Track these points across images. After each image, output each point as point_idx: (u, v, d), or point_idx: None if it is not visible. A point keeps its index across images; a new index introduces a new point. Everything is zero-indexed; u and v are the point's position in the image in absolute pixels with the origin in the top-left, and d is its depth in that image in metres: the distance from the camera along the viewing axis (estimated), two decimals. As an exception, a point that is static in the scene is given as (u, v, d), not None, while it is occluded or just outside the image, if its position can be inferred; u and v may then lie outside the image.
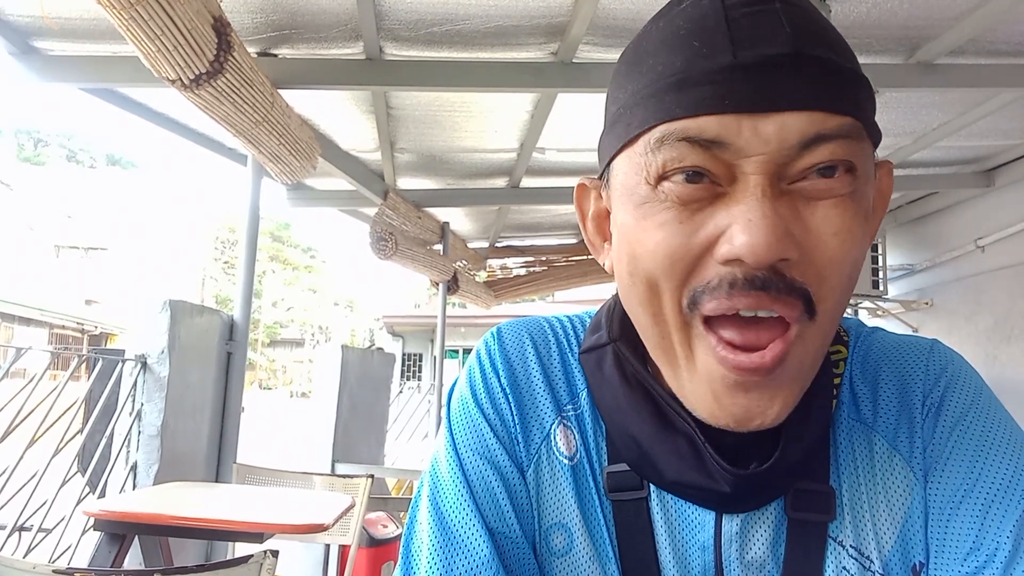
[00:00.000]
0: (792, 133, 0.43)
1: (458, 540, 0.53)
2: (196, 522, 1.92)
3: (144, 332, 2.73)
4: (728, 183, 0.44)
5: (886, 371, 0.56)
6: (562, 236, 5.90)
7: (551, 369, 0.60)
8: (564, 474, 0.56)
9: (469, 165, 4.03)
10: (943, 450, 0.52)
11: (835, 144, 0.43)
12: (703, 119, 0.43)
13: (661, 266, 0.45)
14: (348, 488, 2.71)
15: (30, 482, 2.50)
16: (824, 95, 0.43)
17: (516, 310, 15.49)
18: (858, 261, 0.46)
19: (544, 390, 0.58)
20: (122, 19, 1.66)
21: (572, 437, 0.57)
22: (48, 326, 21.28)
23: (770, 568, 0.52)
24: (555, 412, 0.58)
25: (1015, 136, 3.58)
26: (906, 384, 0.55)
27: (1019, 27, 2.48)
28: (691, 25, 0.46)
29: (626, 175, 0.49)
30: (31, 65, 2.56)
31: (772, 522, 0.53)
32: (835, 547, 0.52)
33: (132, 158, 51.81)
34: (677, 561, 0.53)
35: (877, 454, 0.53)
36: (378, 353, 4.92)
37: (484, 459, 0.56)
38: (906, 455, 0.53)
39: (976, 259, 4.19)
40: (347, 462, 4.15)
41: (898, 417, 0.54)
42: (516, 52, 2.65)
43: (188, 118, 3.31)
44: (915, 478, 0.52)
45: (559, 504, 0.56)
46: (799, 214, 0.44)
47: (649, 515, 0.54)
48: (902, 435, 0.53)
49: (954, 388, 0.54)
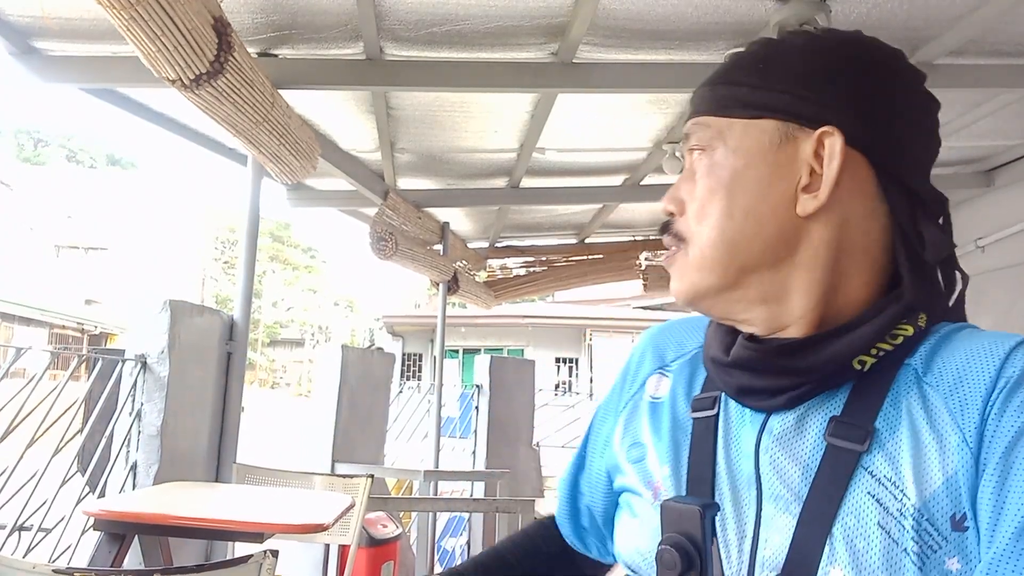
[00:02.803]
0: (686, 132, 0.72)
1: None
2: (196, 522, 1.92)
3: (144, 332, 2.73)
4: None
5: (966, 346, 0.62)
6: (562, 236, 5.90)
7: (663, 340, 0.83)
8: (645, 409, 0.78)
9: (469, 165, 4.03)
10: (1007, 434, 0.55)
11: (693, 137, 0.70)
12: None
13: None
14: (348, 488, 2.71)
15: (30, 482, 2.50)
16: (697, 109, 0.71)
17: (516, 310, 15.49)
18: (708, 204, 0.67)
19: (650, 357, 0.82)
20: (122, 19, 1.66)
21: (666, 381, 0.78)
22: (48, 326, 21.27)
23: (799, 483, 0.62)
24: (654, 366, 0.81)
25: (1015, 136, 3.58)
26: (982, 361, 0.59)
27: (1019, 27, 2.48)
28: None
29: None
30: (31, 65, 2.56)
31: (810, 444, 0.63)
32: (864, 475, 0.59)
33: (132, 158, 51.76)
34: (729, 466, 0.67)
35: (934, 412, 0.59)
36: (378, 353, 4.93)
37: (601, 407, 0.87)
38: (959, 420, 0.57)
39: (976, 259, 4.19)
40: (347, 462, 4.15)
41: (962, 387, 0.59)
42: (516, 52, 2.65)
43: (188, 118, 3.31)
44: (965, 443, 0.56)
45: (637, 428, 0.78)
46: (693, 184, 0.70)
47: (716, 430, 0.70)
48: (956, 402, 0.58)
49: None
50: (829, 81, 0.65)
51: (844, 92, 0.65)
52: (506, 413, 5.64)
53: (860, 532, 0.57)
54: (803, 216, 0.64)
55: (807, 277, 0.65)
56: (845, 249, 0.65)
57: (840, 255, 0.65)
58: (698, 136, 0.69)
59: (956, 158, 3.97)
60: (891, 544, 0.56)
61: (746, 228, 0.65)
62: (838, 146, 0.63)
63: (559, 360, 16.47)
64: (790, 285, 0.66)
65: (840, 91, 0.65)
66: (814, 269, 0.65)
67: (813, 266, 0.65)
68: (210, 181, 55.31)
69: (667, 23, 2.43)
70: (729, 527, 0.65)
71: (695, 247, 0.68)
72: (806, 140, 0.64)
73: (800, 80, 0.65)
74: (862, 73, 0.65)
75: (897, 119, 0.66)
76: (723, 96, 0.69)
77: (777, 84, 0.66)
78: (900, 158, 0.66)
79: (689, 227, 0.69)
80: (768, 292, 0.66)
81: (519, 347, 16.09)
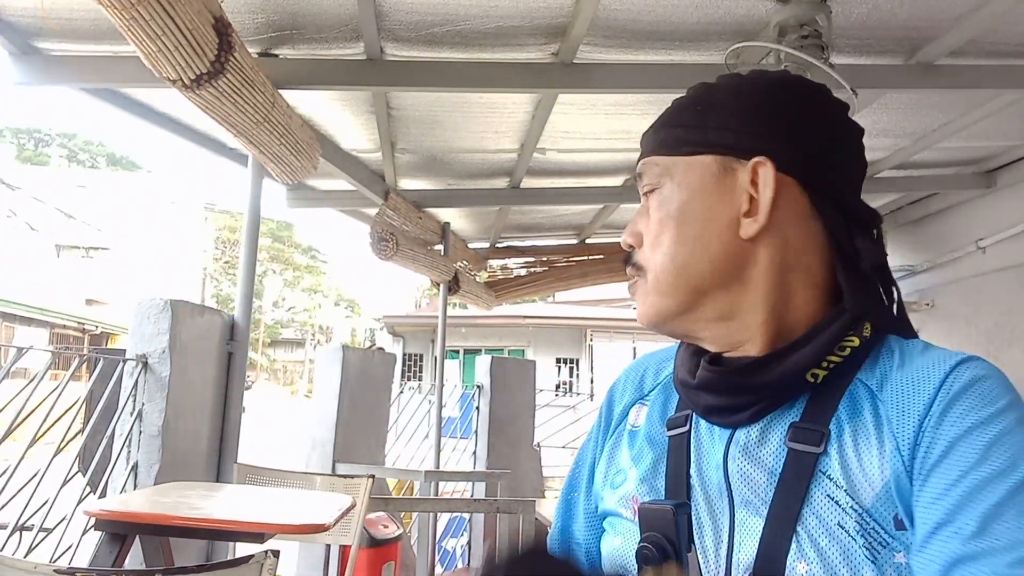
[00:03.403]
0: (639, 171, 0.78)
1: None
2: (197, 522, 1.92)
3: (145, 332, 2.73)
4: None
5: (914, 363, 0.67)
6: (563, 236, 5.90)
7: (641, 371, 0.87)
8: (626, 438, 0.83)
9: (470, 165, 4.03)
10: (943, 440, 0.60)
11: (644, 176, 0.77)
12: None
13: None
14: (349, 488, 2.71)
15: (31, 482, 2.50)
16: (646, 150, 0.77)
17: (517, 311, 15.50)
18: (661, 237, 0.73)
19: (631, 388, 0.87)
20: (123, 19, 1.67)
21: (643, 411, 0.83)
22: (49, 326, 21.28)
23: (766, 487, 0.67)
24: (634, 398, 0.85)
25: (1016, 137, 3.58)
26: (926, 377, 0.64)
27: (1020, 28, 2.48)
28: None
29: None
30: (31, 65, 2.56)
31: (773, 451, 0.68)
32: (821, 477, 0.64)
33: (133, 158, 51.77)
34: (701, 478, 0.72)
35: (880, 421, 0.64)
36: (379, 353, 4.93)
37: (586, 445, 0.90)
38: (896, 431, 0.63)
39: (977, 260, 4.19)
40: (348, 462, 4.15)
41: (906, 400, 0.64)
42: (517, 53, 2.65)
43: (189, 118, 3.31)
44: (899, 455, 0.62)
45: (618, 457, 0.82)
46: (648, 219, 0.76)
47: (688, 445, 0.74)
48: (895, 414, 0.64)
49: (975, 389, 0.62)
50: (759, 116, 0.72)
51: (773, 125, 0.72)
52: (507, 413, 5.63)
53: (822, 530, 0.62)
54: (747, 239, 0.71)
55: (756, 295, 0.71)
56: (789, 266, 0.71)
57: (784, 272, 0.71)
58: (648, 175, 0.76)
59: (957, 159, 3.97)
60: (849, 540, 0.61)
61: (696, 252, 0.72)
62: (771, 174, 0.70)
63: (560, 360, 16.46)
64: (741, 303, 0.72)
65: (770, 124, 0.72)
66: (761, 287, 0.71)
67: (760, 284, 0.71)
68: (211, 181, 55.34)
69: (667, 24, 2.43)
70: (707, 535, 0.69)
71: (652, 273, 0.75)
72: (743, 170, 0.71)
73: (734, 117, 0.73)
74: (789, 107, 0.73)
75: (823, 145, 0.73)
76: (666, 137, 0.75)
77: (713, 122, 0.73)
78: (829, 180, 0.73)
79: (646, 256, 0.75)
80: (722, 311, 0.72)
81: (520, 347, 16.08)
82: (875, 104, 3.02)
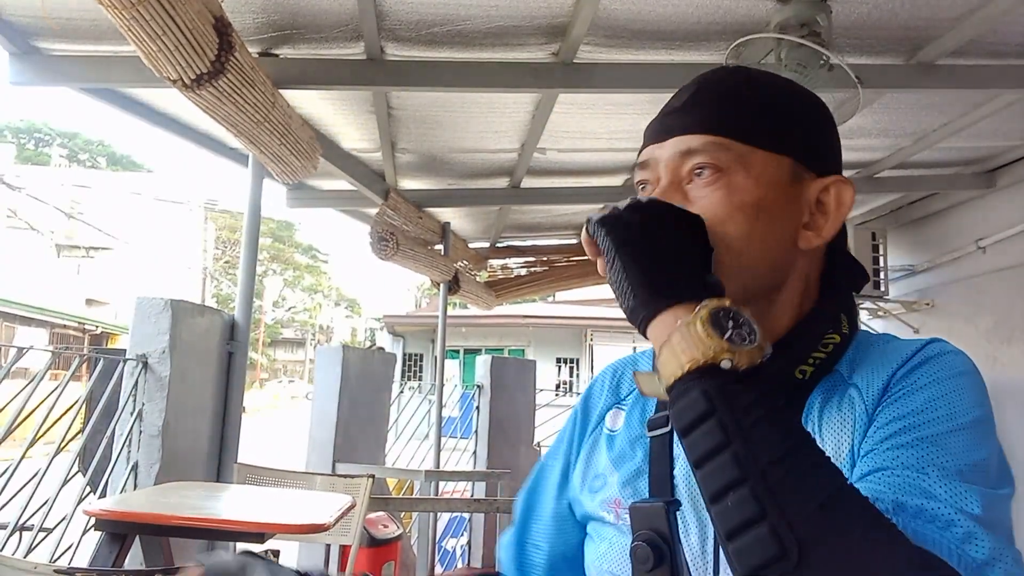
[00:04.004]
0: (674, 148, 0.71)
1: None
2: (197, 522, 1.92)
3: (145, 332, 2.73)
4: (655, 187, 0.72)
5: (884, 349, 0.70)
6: (563, 236, 5.90)
7: (617, 377, 0.87)
8: (604, 442, 0.82)
9: (470, 165, 4.03)
10: (898, 392, 0.64)
11: (699, 154, 0.69)
12: (645, 150, 0.75)
13: None
14: (349, 488, 2.71)
15: (31, 482, 2.50)
16: (693, 125, 0.71)
17: (517, 310, 15.50)
18: (728, 223, 0.67)
19: (607, 393, 0.86)
20: (123, 19, 1.67)
21: (620, 416, 0.83)
22: (49, 326, 21.28)
23: None
24: (611, 402, 0.85)
25: (1016, 137, 3.58)
26: (895, 355, 0.68)
27: (1020, 28, 2.48)
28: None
29: None
30: (31, 65, 2.56)
31: None
32: None
33: (133, 158, 51.75)
34: (687, 477, 0.71)
35: (849, 397, 0.67)
36: (379, 353, 4.93)
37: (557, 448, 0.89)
38: (865, 398, 0.66)
39: (977, 260, 4.18)
40: (348, 462, 4.15)
41: (875, 374, 0.67)
42: (517, 52, 2.65)
43: (189, 118, 3.31)
44: (866, 415, 0.65)
45: (597, 461, 0.81)
46: (687, 199, 0.69)
47: (671, 445, 0.74)
48: (865, 386, 0.67)
49: (939, 360, 0.66)
50: (825, 133, 0.75)
51: (834, 144, 0.76)
52: (507, 413, 5.63)
53: None
54: (802, 249, 0.72)
55: (785, 301, 0.72)
56: (812, 275, 0.74)
57: (810, 280, 0.74)
58: (714, 155, 0.69)
59: (957, 159, 3.97)
60: None
61: (759, 252, 0.69)
62: (848, 196, 0.72)
63: (560, 360, 16.46)
64: (772, 307, 0.72)
65: (831, 143, 0.75)
66: (791, 294, 0.72)
67: (791, 291, 0.72)
68: (212, 181, 55.37)
69: (667, 23, 2.43)
70: (692, 532, 0.70)
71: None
72: (811, 182, 0.72)
73: (807, 128, 0.73)
74: (832, 125, 0.76)
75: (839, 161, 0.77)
76: (745, 125, 0.71)
77: (793, 128, 0.72)
78: None
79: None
80: (755, 312, 0.70)
81: (520, 347, 16.08)
82: (875, 104, 3.02)
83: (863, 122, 3.25)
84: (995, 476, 0.59)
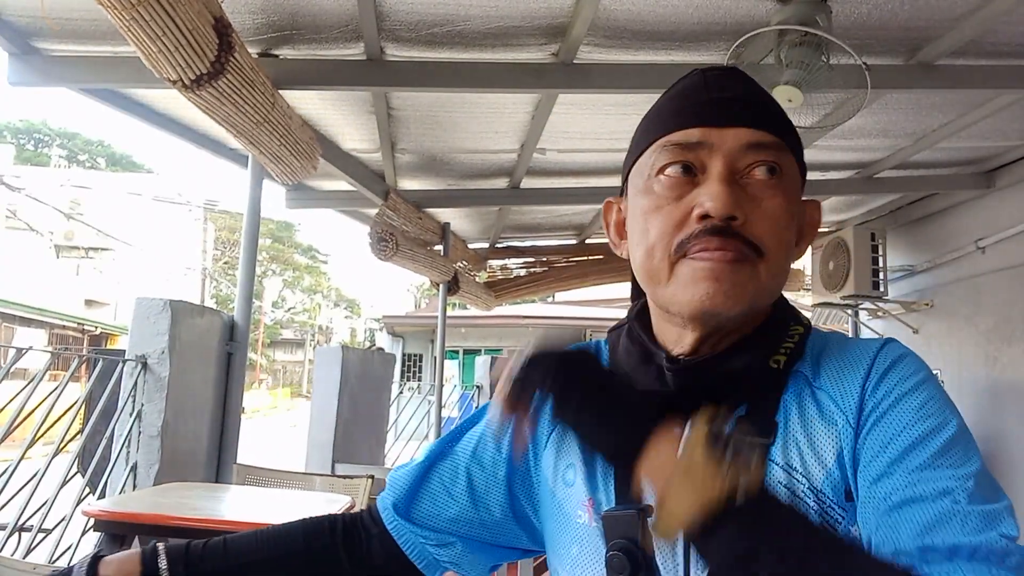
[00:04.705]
0: (741, 138, 0.67)
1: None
2: (196, 522, 1.92)
3: (145, 332, 2.73)
4: (701, 173, 0.68)
5: (842, 351, 0.71)
6: (562, 237, 5.90)
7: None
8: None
9: (470, 166, 4.03)
10: (881, 406, 0.64)
11: (766, 151, 0.67)
12: (691, 131, 0.68)
13: (659, 229, 0.68)
14: (348, 489, 2.71)
15: (30, 482, 2.50)
16: (761, 121, 0.68)
17: (516, 311, 15.49)
18: (785, 231, 0.68)
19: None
20: (123, 20, 1.66)
21: None
22: (48, 327, 21.27)
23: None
24: None
25: (1016, 137, 3.58)
26: (858, 359, 0.69)
27: (1020, 28, 2.48)
28: (682, 85, 0.73)
29: (636, 180, 0.73)
30: (31, 65, 2.56)
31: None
32: (772, 466, 0.66)
33: (133, 158, 51.72)
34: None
35: (822, 404, 0.67)
36: (378, 354, 4.93)
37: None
38: (840, 405, 0.67)
39: (976, 260, 4.19)
40: (347, 462, 4.15)
41: (843, 380, 0.68)
42: (517, 53, 2.65)
43: (189, 119, 3.31)
44: (847, 423, 0.65)
45: (568, 449, 0.76)
46: (745, 194, 0.67)
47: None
48: (837, 391, 0.68)
49: (901, 363, 0.67)
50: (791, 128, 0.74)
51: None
52: (506, 414, 5.63)
53: None
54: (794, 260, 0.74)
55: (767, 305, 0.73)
56: None
57: None
58: (778, 157, 0.68)
59: (956, 159, 3.97)
60: None
61: (787, 263, 0.71)
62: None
63: (559, 361, 16.43)
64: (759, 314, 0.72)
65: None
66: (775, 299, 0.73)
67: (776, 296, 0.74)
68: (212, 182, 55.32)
69: (667, 24, 2.43)
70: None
71: (773, 259, 0.67)
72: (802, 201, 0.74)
73: (791, 127, 0.73)
74: None
75: None
76: (790, 130, 0.71)
77: (797, 142, 0.73)
78: None
79: (765, 237, 0.67)
80: (749, 320, 0.71)
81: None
82: (875, 104, 3.01)
83: (863, 122, 3.25)
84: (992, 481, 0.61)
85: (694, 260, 0.66)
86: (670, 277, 0.68)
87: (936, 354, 4.32)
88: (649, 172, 0.69)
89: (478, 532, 0.80)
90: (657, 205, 0.68)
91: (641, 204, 0.70)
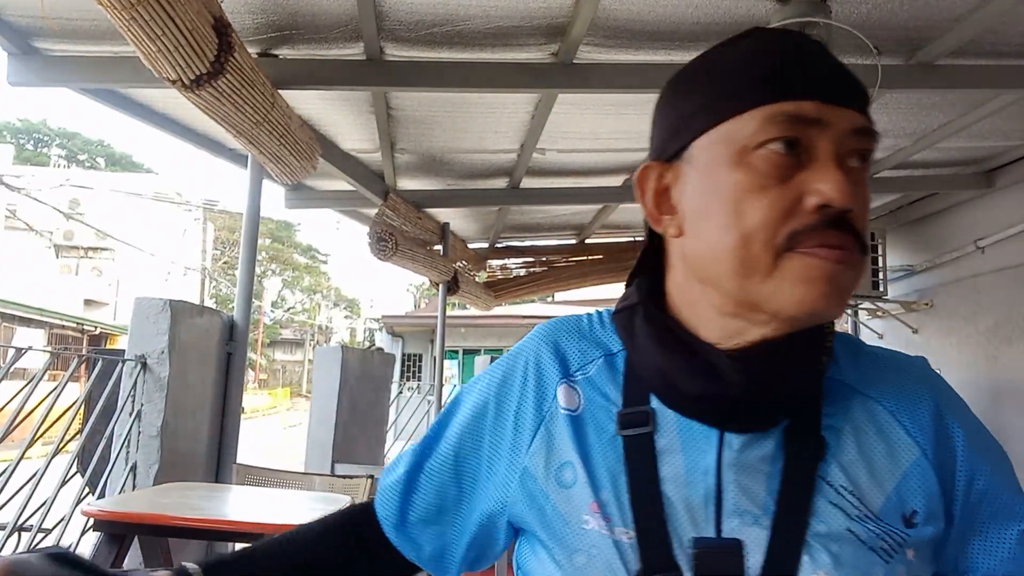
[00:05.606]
0: (854, 122, 0.60)
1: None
2: (196, 522, 1.92)
3: (144, 332, 2.73)
4: (805, 153, 0.60)
5: (888, 362, 0.70)
6: (562, 237, 5.90)
7: (561, 347, 0.74)
8: (564, 423, 0.70)
9: (469, 166, 4.03)
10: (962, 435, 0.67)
11: (868, 139, 0.61)
12: (805, 103, 0.59)
13: (764, 215, 0.59)
14: (348, 489, 2.71)
15: (30, 482, 2.50)
16: (865, 104, 0.63)
17: (516, 311, 15.49)
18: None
19: (554, 363, 0.73)
20: (123, 20, 1.66)
21: (576, 394, 0.71)
22: (47, 326, 21.27)
23: (764, 495, 0.63)
24: (559, 376, 0.72)
25: (1015, 137, 3.58)
26: (915, 380, 0.69)
27: (1020, 28, 2.48)
28: (775, 46, 0.63)
29: (719, 148, 0.62)
30: (31, 65, 2.56)
31: (769, 456, 0.64)
32: (823, 485, 0.62)
33: (133, 158, 51.73)
34: (679, 485, 0.64)
35: (884, 424, 0.66)
36: (378, 354, 4.93)
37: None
38: (909, 428, 0.66)
39: (976, 260, 4.19)
40: (347, 462, 4.15)
41: (913, 406, 0.67)
42: (516, 53, 2.65)
43: (189, 119, 3.31)
44: (917, 447, 0.65)
45: (562, 446, 0.69)
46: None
47: (654, 447, 0.65)
48: (903, 413, 0.67)
49: (956, 395, 0.70)
50: None
51: None
52: (506, 414, 5.63)
53: (832, 537, 0.61)
54: None
55: None
56: None
57: None
58: (869, 144, 0.62)
59: (956, 159, 3.97)
60: (859, 545, 0.61)
61: None
62: None
63: (559, 361, 16.43)
64: None
65: None
66: None
67: None
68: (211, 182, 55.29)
69: (667, 24, 2.43)
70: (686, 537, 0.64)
71: (864, 262, 0.63)
72: None
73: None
74: None
75: None
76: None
77: None
78: None
79: (865, 238, 0.62)
80: None
81: (519, 348, 16.05)
82: (875, 104, 3.01)
83: (862, 122, 3.24)
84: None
85: (808, 256, 0.58)
86: (773, 271, 0.59)
87: (936, 354, 4.31)
88: (746, 143, 0.60)
89: (472, 528, 0.75)
90: (761, 185, 0.59)
91: (732, 179, 0.61)
